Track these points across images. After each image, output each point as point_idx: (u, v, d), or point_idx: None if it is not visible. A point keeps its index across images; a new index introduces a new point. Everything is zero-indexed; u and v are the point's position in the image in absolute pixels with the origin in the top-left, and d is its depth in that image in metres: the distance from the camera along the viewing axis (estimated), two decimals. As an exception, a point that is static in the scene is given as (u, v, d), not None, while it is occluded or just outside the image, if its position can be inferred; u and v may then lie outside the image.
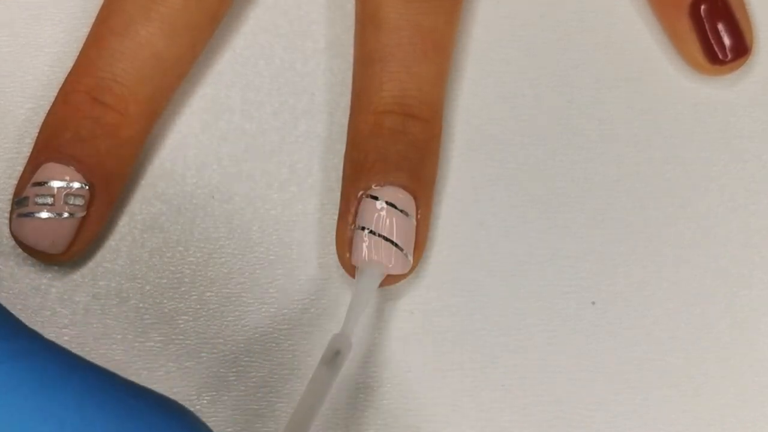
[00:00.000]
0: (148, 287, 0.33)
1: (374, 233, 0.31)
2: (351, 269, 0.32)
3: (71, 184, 0.31)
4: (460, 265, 0.33)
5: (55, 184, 0.31)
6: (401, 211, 0.31)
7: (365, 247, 0.31)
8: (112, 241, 0.33)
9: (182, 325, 0.32)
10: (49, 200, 0.31)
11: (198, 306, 0.33)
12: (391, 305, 0.33)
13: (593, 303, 0.33)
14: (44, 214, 0.31)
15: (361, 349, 0.33)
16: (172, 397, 0.32)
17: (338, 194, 0.33)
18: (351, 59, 0.34)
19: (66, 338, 0.32)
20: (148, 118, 0.32)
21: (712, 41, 0.34)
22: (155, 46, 0.32)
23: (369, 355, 0.33)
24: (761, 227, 0.34)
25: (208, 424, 0.31)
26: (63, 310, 0.32)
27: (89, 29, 0.32)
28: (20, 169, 0.32)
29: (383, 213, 0.31)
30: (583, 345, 0.33)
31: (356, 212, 0.31)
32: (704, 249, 0.34)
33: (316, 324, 0.33)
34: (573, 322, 0.33)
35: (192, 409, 0.32)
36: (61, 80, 0.32)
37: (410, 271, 0.32)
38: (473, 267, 0.33)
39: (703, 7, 0.34)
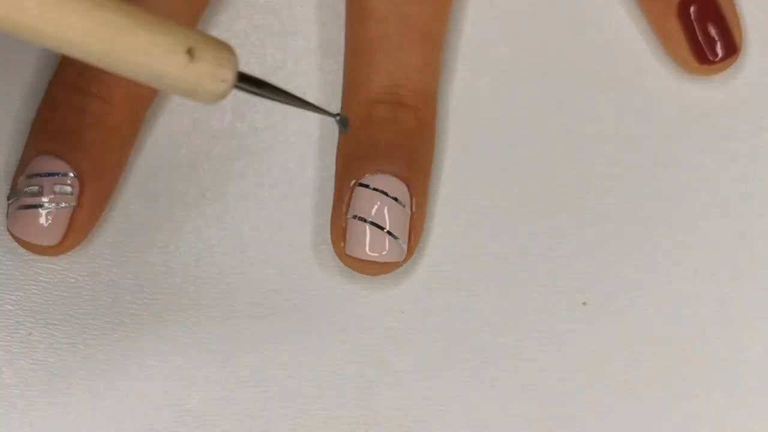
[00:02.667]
0: (139, 286, 0.33)
1: (367, 221, 0.31)
2: (346, 259, 0.32)
3: (59, 175, 0.31)
4: (452, 265, 0.33)
5: (44, 176, 0.31)
6: (394, 198, 0.31)
7: (359, 235, 0.31)
8: (104, 240, 0.33)
9: (173, 324, 0.32)
10: (37, 191, 0.31)
11: (189, 303, 0.33)
12: (383, 304, 0.33)
13: (584, 303, 0.33)
14: (35, 207, 0.31)
15: (353, 348, 0.33)
16: (164, 395, 0.32)
17: (330, 193, 0.33)
18: (342, 58, 0.34)
19: (57, 336, 0.32)
20: (133, 105, 0.32)
21: (701, 41, 0.34)
22: None
23: (360, 355, 0.32)
24: (752, 228, 0.34)
25: (198, 423, 0.32)
26: (54, 308, 0.32)
27: None
28: (15, 165, 0.32)
29: (376, 201, 0.31)
30: (575, 345, 0.33)
31: (349, 201, 0.31)
32: (696, 250, 0.34)
33: (307, 323, 0.33)
34: (564, 323, 0.33)
35: (183, 408, 0.32)
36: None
37: (406, 260, 0.32)
38: (465, 267, 0.33)
39: (692, 7, 0.34)
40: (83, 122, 0.31)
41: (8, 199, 0.32)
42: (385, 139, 0.32)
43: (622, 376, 0.33)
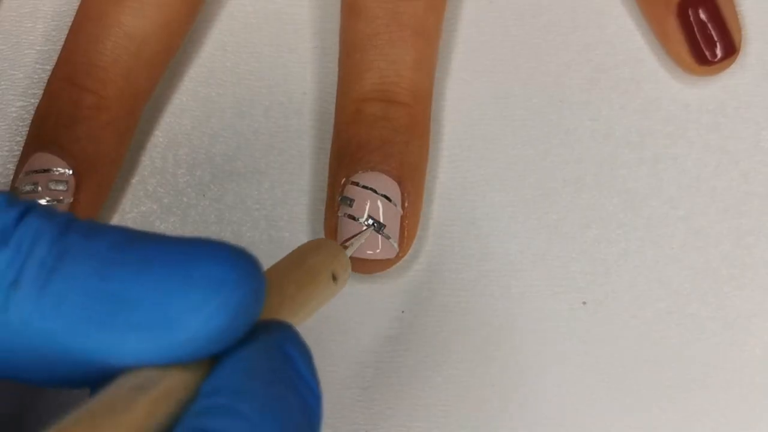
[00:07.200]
0: (138, 286, 0.33)
1: (357, 219, 0.31)
2: None
3: (54, 171, 0.31)
4: (451, 265, 0.33)
5: (40, 172, 0.31)
6: (384, 196, 0.31)
7: (350, 233, 0.31)
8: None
9: (173, 324, 0.32)
10: (34, 188, 0.31)
11: (188, 305, 0.33)
12: (382, 305, 0.33)
13: (584, 303, 0.33)
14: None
15: (352, 348, 0.33)
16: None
17: (329, 193, 0.33)
18: (341, 57, 0.34)
19: (56, 336, 0.32)
20: (128, 100, 0.32)
21: (700, 41, 0.34)
22: (125, 24, 0.32)
23: (359, 355, 0.32)
24: (752, 228, 0.34)
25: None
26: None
27: None
28: (13, 167, 0.32)
29: (366, 198, 0.31)
30: (574, 345, 0.33)
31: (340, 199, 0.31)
32: (695, 249, 0.34)
33: (307, 323, 0.33)
34: (564, 322, 0.33)
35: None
36: (53, 78, 0.32)
37: (400, 258, 0.32)
38: (464, 267, 0.33)
39: (690, 7, 0.34)
40: (78, 117, 0.31)
41: None
42: (376, 136, 0.32)
43: (622, 376, 0.33)
